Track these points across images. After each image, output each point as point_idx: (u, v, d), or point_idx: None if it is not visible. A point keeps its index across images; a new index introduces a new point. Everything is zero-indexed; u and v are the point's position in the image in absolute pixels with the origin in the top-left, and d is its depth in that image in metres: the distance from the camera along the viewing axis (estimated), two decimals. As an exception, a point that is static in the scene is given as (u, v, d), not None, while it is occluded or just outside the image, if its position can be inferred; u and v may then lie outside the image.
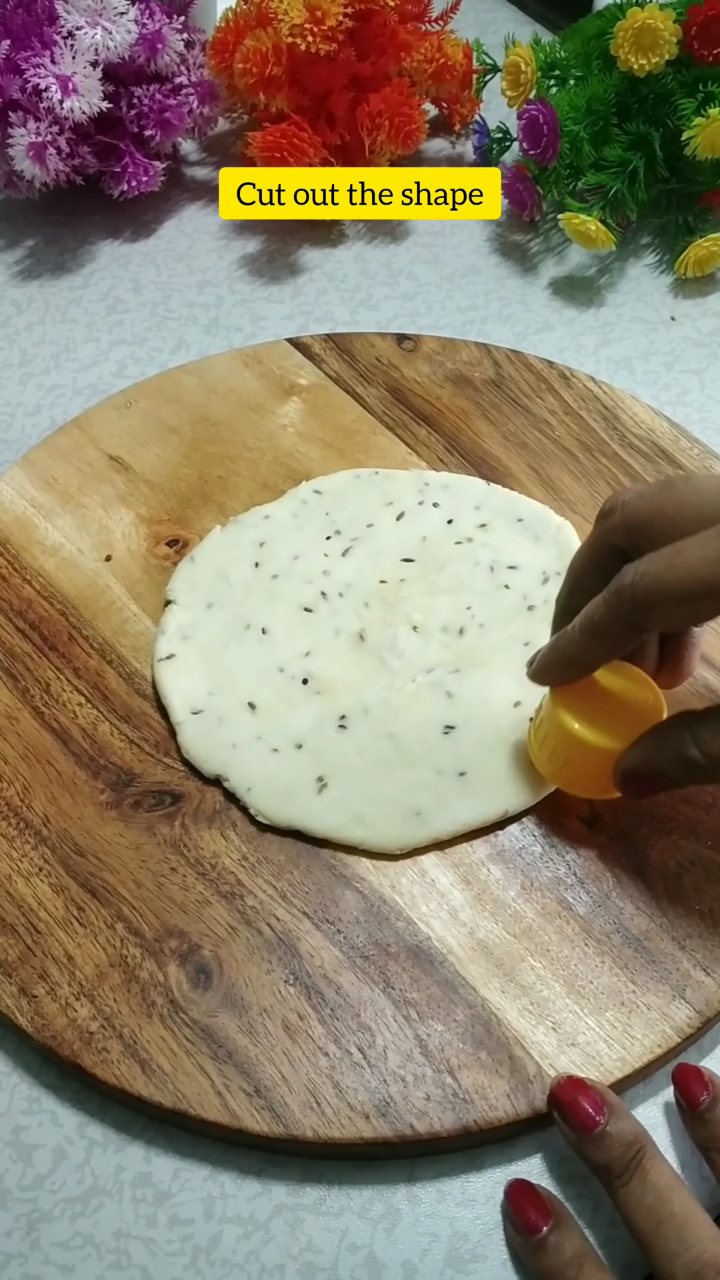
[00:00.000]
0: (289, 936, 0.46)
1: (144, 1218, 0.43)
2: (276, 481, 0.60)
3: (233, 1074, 0.43)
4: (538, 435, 0.62)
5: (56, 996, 0.45)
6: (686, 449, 0.61)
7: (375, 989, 0.45)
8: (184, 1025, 0.44)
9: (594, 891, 0.47)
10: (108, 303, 0.72)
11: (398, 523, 0.58)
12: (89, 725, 0.52)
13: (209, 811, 0.50)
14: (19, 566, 0.57)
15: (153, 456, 0.61)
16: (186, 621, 0.55)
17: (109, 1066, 0.44)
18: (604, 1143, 0.40)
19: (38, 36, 0.68)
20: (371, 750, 0.50)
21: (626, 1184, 0.39)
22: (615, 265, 0.73)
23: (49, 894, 0.48)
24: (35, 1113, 0.45)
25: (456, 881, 0.48)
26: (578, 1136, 0.41)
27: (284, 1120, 0.42)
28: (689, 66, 0.69)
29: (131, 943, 0.46)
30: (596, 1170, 0.41)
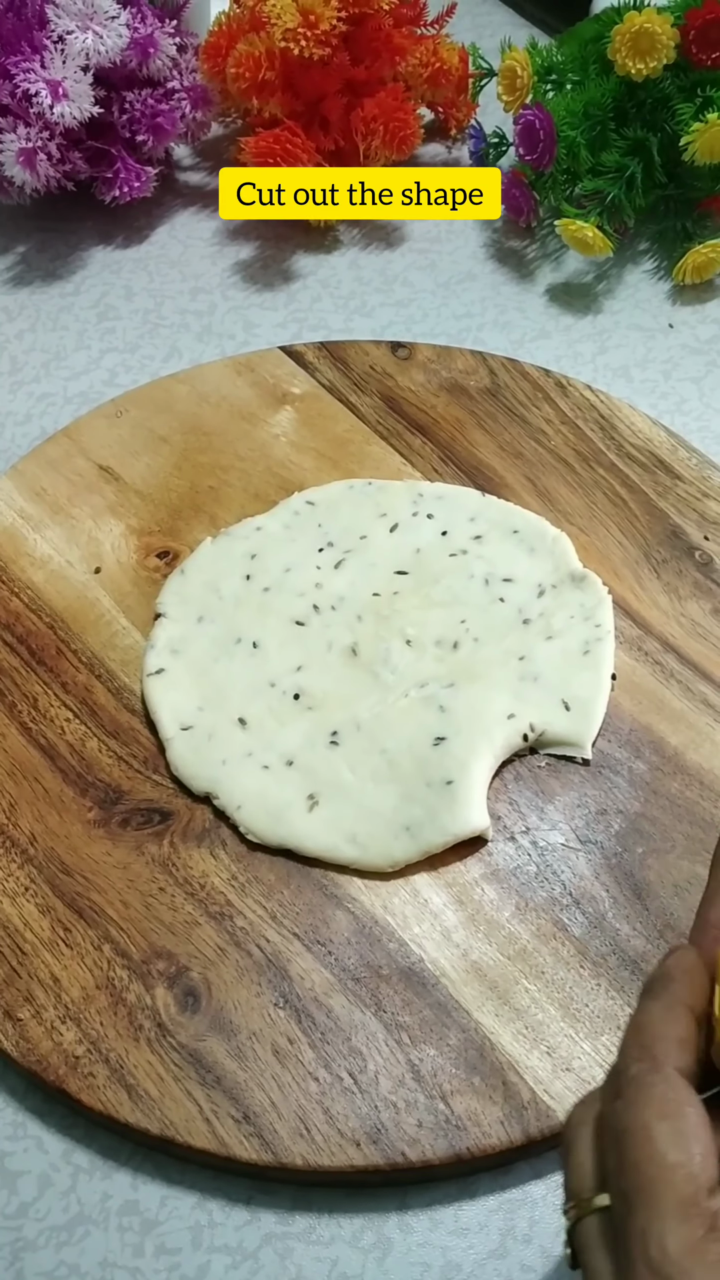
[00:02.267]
0: (279, 958, 0.46)
1: (130, 1246, 0.42)
2: (269, 492, 0.59)
3: (221, 1100, 0.42)
4: (534, 445, 0.61)
5: (42, 1020, 0.44)
6: (685, 459, 0.60)
7: (367, 1012, 0.44)
8: (171, 1049, 0.44)
9: (590, 912, 0.46)
10: (99, 310, 0.71)
11: (391, 534, 0.57)
12: (77, 741, 0.51)
13: (198, 830, 0.49)
14: (7, 579, 0.56)
15: (143, 467, 0.61)
16: (176, 635, 0.54)
17: (95, 1092, 0.43)
18: None
19: (28, 41, 0.68)
20: (363, 767, 0.50)
21: None
22: (613, 272, 0.72)
23: (35, 914, 0.47)
24: (20, 1138, 0.44)
25: (450, 902, 0.47)
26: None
27: (273, 1148, 0.42)
28: (687, 71, 0.68)
29: (119, 964, 0.46)
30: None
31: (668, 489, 0.59)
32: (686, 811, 0.49)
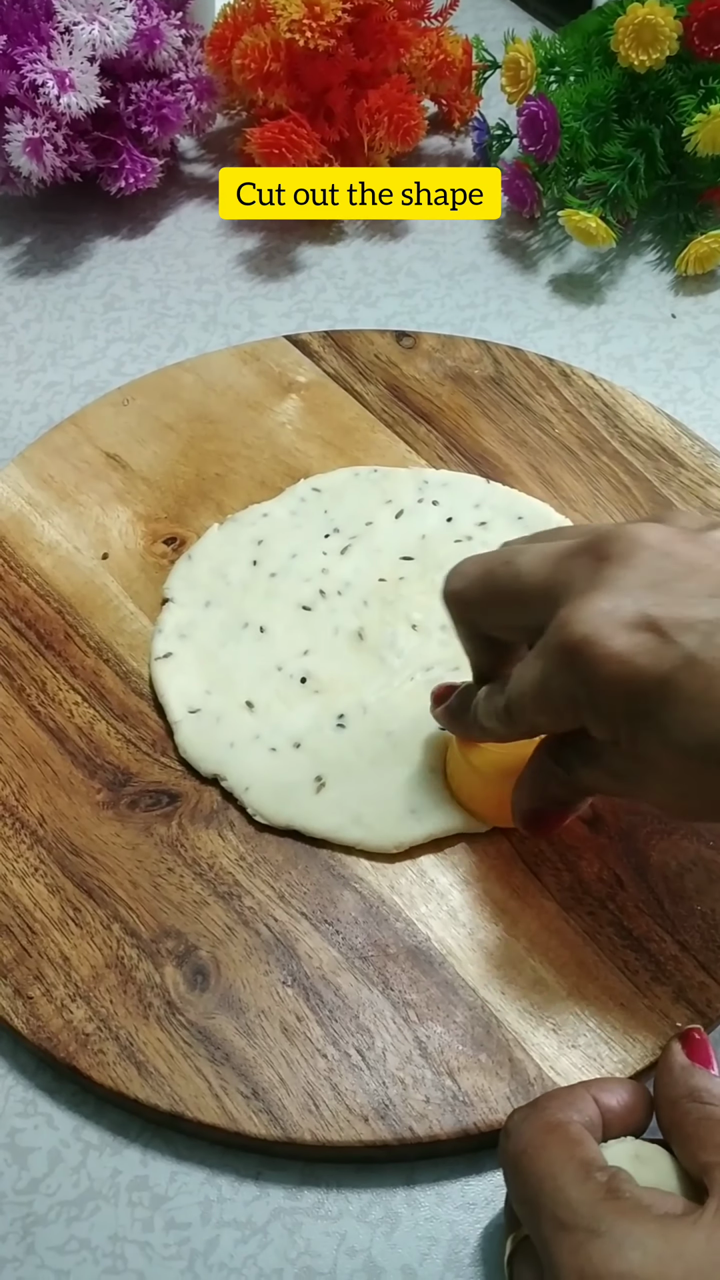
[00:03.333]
0: (287, 937, 0.46)
1: (140, 1221, 0.42)
2: (275, 479, 0.60)
3: (230, 1076, 0.43)
4: (538, 433, 0.61)
5: (52, 998, 0.45)
6: (687, 446, 0.60)
7: (374, 990, 0.45)
8: (181, 1027, 0.44)
9: (595, 892, 0.47)
10: (105, 300, 0.71)
11: (397, 521, 0.57)
12: (85, 724, 0.52)
13: (206, 811, 0.49)
14: (15, 564, 0.57)
15: (150, 454, 0.61)
16: (184, 620, 0.54)
17: (105, 1069, 0.43)
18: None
19: (34, 32, 0.68)
20: (369, 749, 0.50)
21: None
22: (616, 262, 0.73)
23: (45, 894, 0.47)
24: (31, 1115, 0.44)
25: (456, 882, 0.47)
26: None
27: (282, 1123, 0.42)
28: (690, 62, 0.69)
29: (128, 943, 0.46)
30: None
31: (671, 476, 0.59)
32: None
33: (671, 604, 0.36)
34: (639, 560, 0.37)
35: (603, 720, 0.38)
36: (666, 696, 0.35)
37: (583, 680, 0.37)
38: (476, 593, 0.42)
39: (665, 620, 0.35)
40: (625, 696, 0.36)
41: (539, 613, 0.38)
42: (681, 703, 0.35)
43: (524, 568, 0.40)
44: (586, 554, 0.38)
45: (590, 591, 0.37)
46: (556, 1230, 0.34)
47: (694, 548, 0.37)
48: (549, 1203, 0.34)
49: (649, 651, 0.35)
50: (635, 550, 0.37)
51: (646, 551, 0.37)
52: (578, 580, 0.37)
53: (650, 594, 0.36)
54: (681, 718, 0.35)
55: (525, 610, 0.39)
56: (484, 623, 0.43)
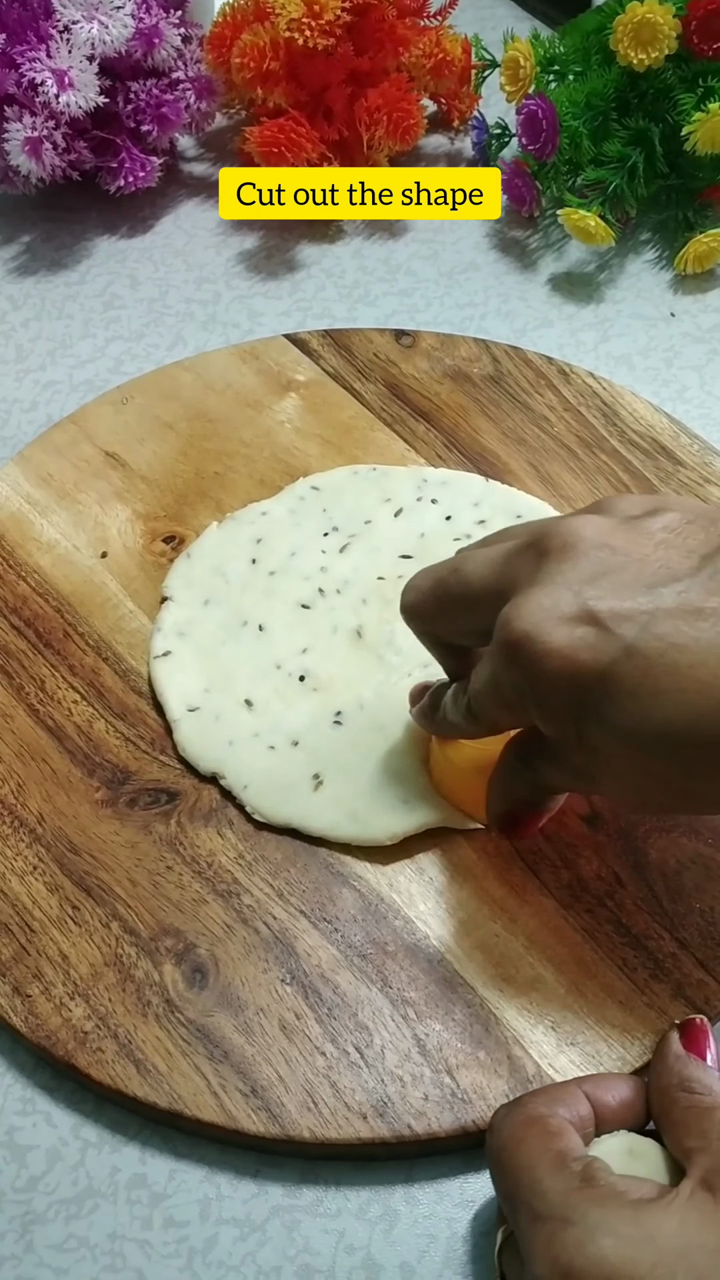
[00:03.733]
0: (286, 935, 0.46)
1: (139, 1219, 0.42)
2: (274, 478, 0.60)
3: (229, 1074, 0.43)
4: (537, 431, 0.61)
5: (51, 996, 0.45)
6: (686, 445, 0.60)
7: (373, 988, 0.45)
8: (180, 1025, 0.44)
9: (594, 890, 0.47)
10: (104, 299, 0.72)
11: (396, 519, 0.57)
12: (84, 723, 0.52)
13: (205, 809, 0.49)
14: (14, 563, 0.57)
15: (149, 453, 0.61)
16: (183, 618, 0.54)
17: (104, 1067, 0.43)
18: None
19: (34, 30, 0.68)
20: (364, 744, 0.50)
21: None
22: (615, 261, 0.73)
23: (43, 893, 0.47)
24: (29, 1113, 0.44)
25: (455, 880, 0.47)
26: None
27: (280, 1121, 0.42)
28: (689, 61, 0.69)
29: (127, 942, 0.46)
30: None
31: (670, 474, 0.59)
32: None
33: (609, 596, 0.36)
34: (577, 554, 0.37)
35: (550, 717, 0.38)
36: (608, 689, 0.35)
37: (527, 677, 0.37)
38: (430, 604, 0.43)
39: (603, 612, 0.36)
40: (568, 691, 0.36)
41: (490, 615, 0.39)
42: (624, 694, 0.35)
43: (471, 573, 0.40)
44: (529, 550, 0.38)
45: (530, 588, 0.37)
46: (532, 1221, 0.34)
47: (632, 536, 0.37)
48: (526, 1195, 0.34)
49: (588, 645, 0.35)
50: (573, 544, 0.37)
51: (584, 544, 0.37)
52: (521, 578, 0.38)
53: (589, 587, 0.36)
54: (624, 709, 0.35)
55: (477, 614, 0.40)
56: (441, 631, 0.43)
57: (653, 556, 0.37)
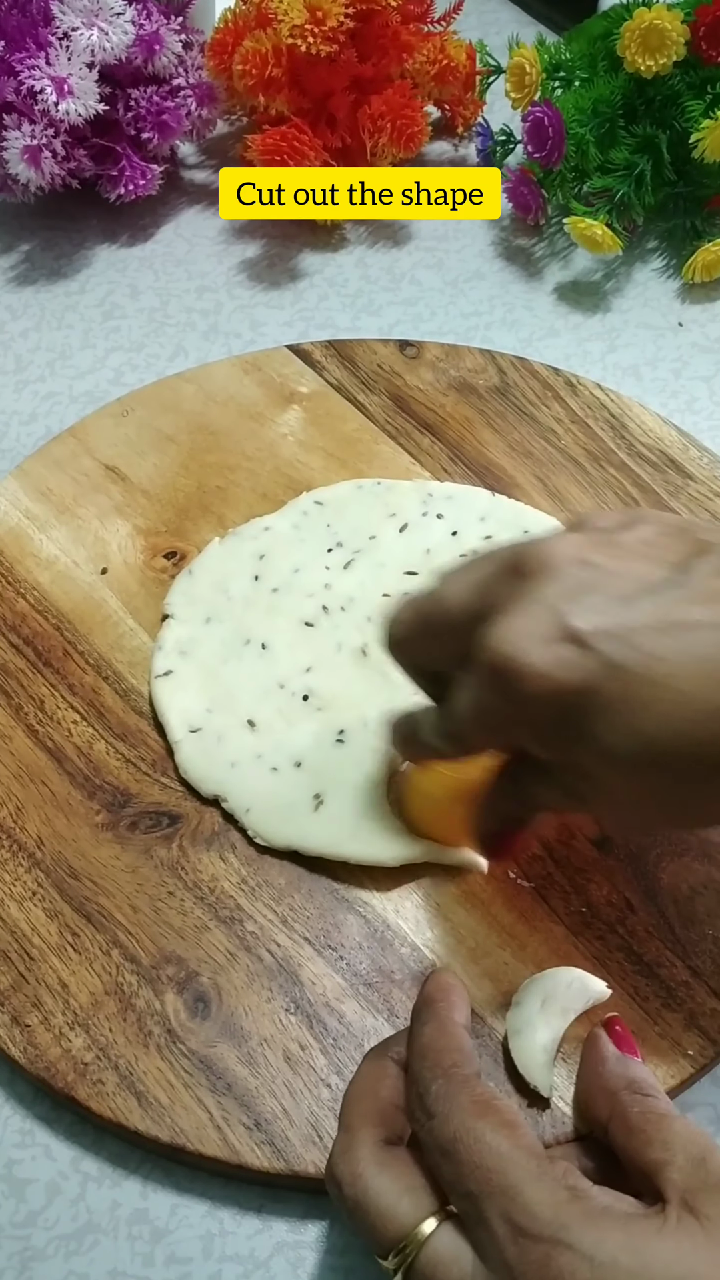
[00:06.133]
0: (290, 963, 0.45)
1: (140, 1256, 0.41)
2: (277, 492, 0.59)
3: (232, 1107, 0.42)
4: (543, 444, 0.60)
5: (50, 1026, 0.44)
6: (696, 458, 0.60)
7: (379, 1018, 0.44)
8: (182, 1056, 0.43)
9: (604, 916, 0.46)
10: (104, 308, 0.71)
11: (401, 534, 0.56)
12: (84, 744, 0.51)
13: (207, 833, 0.48)
14: (13, 580, 0.56)
15: (150, 466, 0.60)
16: (184, 636, 0.53)
17: (104, 1099, 0.42)
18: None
19: (33, 38, 0.67)
20: (367, 763, 0.49)
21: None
22: (621, 270, 0.72)
23: (43, 919, 0.46)
24: (28, 1146, 0.44)
25: (462, 905, 0.46)
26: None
27: (285, 1155, 0.41)
28: (697, 68, 0.68)
29: (128, 970, 0.45)
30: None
31: (679, 488, 0.58)
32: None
33: (587, 613, 0.36)
34: (553, 573, 0.37)
35: (536, 738, 0.38)
36: (592, 706, 0.35)
37: (510, 700, 0.36)
38: (413, 634, 0.42)
39: (583, 629, 0.35)
40: (554, 711, 0.36)
41: (470, 640, 0.38)
42: (609, 710, 0.35)
43: (450, 600, 0.40)
44: (506, 573, 0.38)
45: (508, 610, 0.37)
46: (515, 1235, 0.32)
47: (607, 551, 0.37)
48: (503, 1203, 0.33)
49: (568, 664, 0.35)
50: (549, 563, 0.37)
51: (560, 562, 0.37)
52: (500, 600, 0.37)
53: (567, 604, 0.36)
54: (611, 725, 0.35)
55: (457, 639, 0.39)
56: (425, 660, 0.43)
57: (628, 570, 0.37)
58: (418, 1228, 0.34)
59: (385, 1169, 0.36)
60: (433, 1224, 0.34)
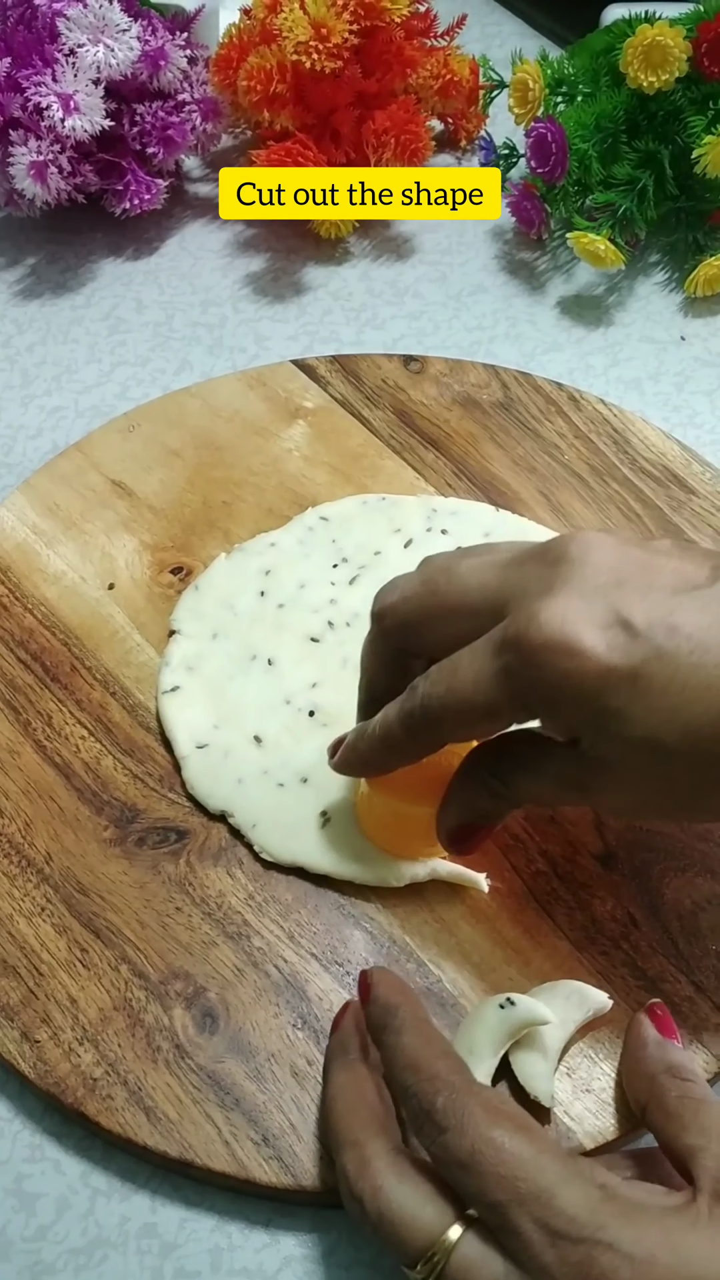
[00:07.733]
0: (297, 979, 0.45)
1: (149, 1269, 0.42)
2: (282, 507, 0.59)
3: (240, 1122, 0.42)
4: (547, 459, 0.61)
5: (59, 1041, 0.44)
6: (698, 473, 0.60)
7: (385, 1033, 0.44)
8: (190, 1071, 0.43)
9: (608, 931, 0.46)
10: (110, 322, 0.71)
11: (406, 550, 0.57)
12: (92, 759, 0.51)
13: (214, 849, 0.49)
14: (20, 595, 0.56)
15: (156, 481, 0.61)
16: (191, 652, 0.54)
17: (113, 1114, 0.43)
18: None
19: (39, 54, 0.67)
20: (375, 781, 0.49)
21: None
22: (624, 284, 0.72)
23: (51, 935, 0.47)
24: (37, 1160, 0.44)
25: (467, 921, 0.47)
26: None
27: (293, 1170, 0.41)
28: (699, 84, 0.68)
29: (136, 985, 0.45)
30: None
31: (682, 504, 0.59)
32: (703, 830, 0.49)
33: (636, 601, 0.37)
34: (596, 562, 0.38)
35: (564, 719, 0.38)
36: (637, 689, 0.36)
37: (548, 679, 0.37)
38: (415, 607, 0.42)
39: (633, 616, 0.37)
40: (595, 693, 0.36)
41: (484, 622, 0.39)
42: (653, 694, 0.36)
43: (469, 578, 0.40)
44: (535, 561, 0.39)
45: (550, 593, 0.37)
46: (552, 1239, 0.33)
47: (644, 551, 0.39)
48: (534, 1207, 0.33)
49: (619, 647, 0.36)
50: (590, 553, 0.38)
51: (601, 553, 0.38)
52: (531, 585, 0.38)
53: (614, 592, 0.37)
54: (652, 707, 0.36)
55: (469, 620, 0.40)
56: (420, 638, 0.42)
57: (672, 567, 0.38)
58: (444, 1234, 0.35)
59: (405, 1179, 0.36)
60: (459, 1230, 0.35)
